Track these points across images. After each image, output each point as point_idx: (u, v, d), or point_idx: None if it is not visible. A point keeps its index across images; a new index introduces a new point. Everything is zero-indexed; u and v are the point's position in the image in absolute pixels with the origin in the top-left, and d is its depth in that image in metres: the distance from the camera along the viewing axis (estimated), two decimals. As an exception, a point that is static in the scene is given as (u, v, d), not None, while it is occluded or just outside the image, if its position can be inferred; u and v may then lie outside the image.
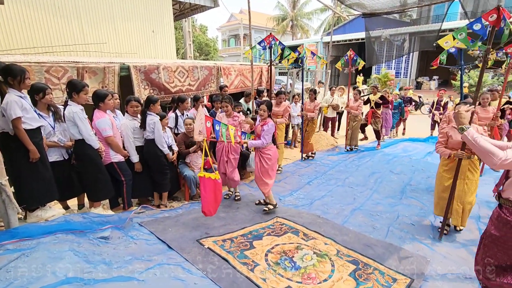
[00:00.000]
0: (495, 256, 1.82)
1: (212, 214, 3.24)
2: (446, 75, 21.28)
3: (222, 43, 40.66)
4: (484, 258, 1.89)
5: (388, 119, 7.42)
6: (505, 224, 1.76)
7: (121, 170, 3.56)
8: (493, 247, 1.84)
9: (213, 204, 3.20)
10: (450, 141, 3.13)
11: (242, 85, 6.81)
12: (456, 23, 15.92)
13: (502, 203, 1.82)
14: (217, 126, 3.33)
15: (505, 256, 1.78)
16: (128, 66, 4.72)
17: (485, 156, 1.69)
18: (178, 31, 20.79)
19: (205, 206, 3.18)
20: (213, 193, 3.17)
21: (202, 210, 3.21)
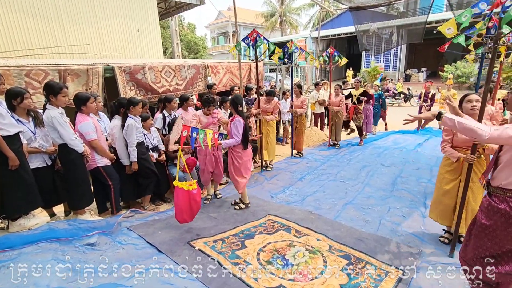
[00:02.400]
0: (485, 245, 1.83)
1: (187, 221, 3.17)
2: (434, 67, 21.58)
3: (211, 41, 40.30)
4: (475, 249, 1.88)
5: (370, 115, 7.31)
6: (496, 213, 1.75)
7: (107, 174, 3.48)
8: (483, 237, 1.83)
9: (188, 213, 3.11)
10: (456, 139, 2.74)
11: (230, 83, 6.73)
12: (442, 15, 16.08)
13: (491, 192, 1.82)
14: (195, 133, 3.28)
15: (495, 245, 1.78)
16: (112, 67, 4.61)
17: (471, 132, 1.64)
18: (165, 30, 20.52)
19: (178, 214, 3.09)
20: (188, 203, 3.07)
21: (175, 218, 3.13)
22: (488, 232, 1.80)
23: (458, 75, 15.63)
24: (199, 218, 3.57)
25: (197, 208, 3.18)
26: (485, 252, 1.83)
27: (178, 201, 3.08)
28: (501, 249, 1.77)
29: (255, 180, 4.93)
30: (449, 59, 18.99)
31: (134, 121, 3.56)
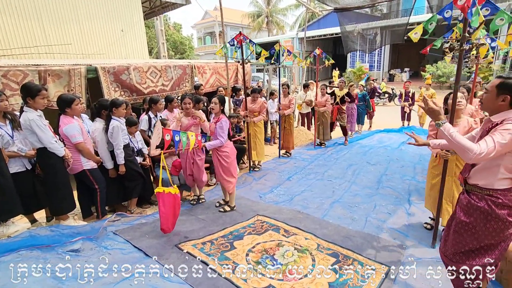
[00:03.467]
0: (465, 241, 1.89)
1: (170, 230, 3.10)
2: (416, 67, 22.21)
3: (198, 41, 39.95)
4: (455, 244, 1.95)
5: (354, 114, 7.46)
6: (475, 210, 1.82)
7: (94, 178, 3.39)
8: (463, 233, 1.90)
9: (172, 220, 3.07)
10: (439, 133, 2.98)
11: (218, 83, 6.70)
12: (423, 17, 16.56)
13: (469, 190, 1.89)
14: (177, 136, 3.23)
15: (474, 240, 1.85)
16: (95, 67, 4.49)
17: (462, 151, 1.69)
18: (150, 30, 20.19)
19: (164, 223, 3.02)
20: (173, 208, 3.04)
21: (161, 228, 3.04)
22: (468, 228, 1.86)
23: (438, 75, 16.14)
24: (187, 220, 3.54)
25: (178, 213, 3.17)
26: (464, 247, 1.90)
27: (164, 208, 2.99)
28: (480, 243, 1.84)
29: (243, 181, 4.93)
30: (430, 59, 19.60)
31: (119, 123, 3.48)
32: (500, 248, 1.82)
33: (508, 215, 1.74)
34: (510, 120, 1.65)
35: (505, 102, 1.69)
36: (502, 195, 1.73)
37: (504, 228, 1.76)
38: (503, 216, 1.73)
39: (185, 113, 3.88)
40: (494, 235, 1.79)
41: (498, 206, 1.74)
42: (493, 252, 1.83)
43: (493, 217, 1.76)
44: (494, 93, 1.72)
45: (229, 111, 5.89)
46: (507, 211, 1.74)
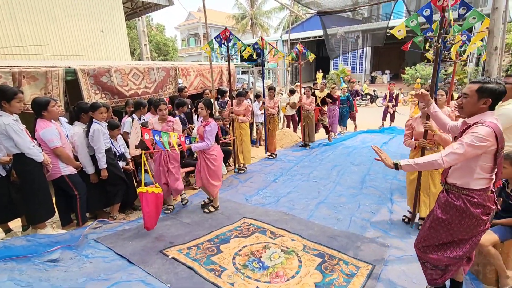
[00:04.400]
0: (440, 236, 1.98)
1: (154, 227, 3.18)
2: (396, 69, 22.93)
3: (182, 42, 39.49)
4: (429, 239, 2.03)
5: (335, 115, 7.61)
6: (452, 208, 1.90)
7: (73, 184, 3.27)
8: (439, 229, 1.99)
9: (155, 218, 3.12)
10: (414, 133, 3.19)
11: (202, 85, 6.64)
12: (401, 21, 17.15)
13: (448, 189, 1.97)
14: (157, 136, 3.18)
15: (449, 236, 1.94)
16: (74, 69, 4.34)
17: (431, 166, 1.82)
18: (132, 31, 19.78)
19: (148, 221, 3.09)
20: (155, 207, 3.07)
21: (144, 226, 3.10)
22: (444, 225, 1.95)
23: (417, 76, 16.75)
24: (172, 225, 3.48)
25: (160, 211, 3.22)
26: (439, 241, 1.99)
27: (147, 207, 3.01)
28: (454, 238, 1.93)
29: (229, 183, 4.90)
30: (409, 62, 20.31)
31: (100, 126, 3.38)
32: (471, 243, 1.91)
33: (482, 214, 1.82)
34: (480, 123, 1.74)
35: (486, 105, 1.77)
36: (478, 195, 1.81)
37: (477, 225, 1.85)
38: (477, 214, 1.82)
39: (161, 119, 3.70)
40: (468, 231, 1.87)
41: (474, 205, 1.82)
42: (464, 246, 1.92)
43: (467, 215, 1.84)
44: (475, 97, 1.79)
45: (214, 113, 5.85)
46: (481, 210, 1.82)
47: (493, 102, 1.75)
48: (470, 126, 1.78)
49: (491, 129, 1.69)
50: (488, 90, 1.74)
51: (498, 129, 1.72)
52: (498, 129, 1.72)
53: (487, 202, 1.82)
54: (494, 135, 1.69)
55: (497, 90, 1.73)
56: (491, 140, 1.68)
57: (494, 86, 1.73)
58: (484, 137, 1.67)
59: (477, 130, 1.71)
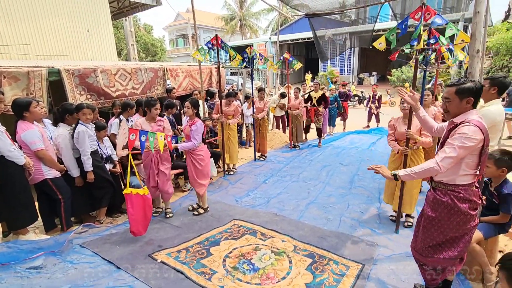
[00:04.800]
0: (432, 235, 2.01)
1: (142, 233, 3.05)
2: (383, 71, 23.39)
3: (170, 43, 39.08)
4: (424, 239, 2.06)
5: (325, 116, 7.67)
6: (440, 205, 1.95)
7: (57, 187, 3.17)
8: (430, 228, 2.02)
9: (142, 222, 3.01)
10: (396, 133, 3.33)
11: (191, 87, 6.58)
12: (388, 24, 17.54)
13: (435, 186, 2.02)
14: (143, 137, 3.11)
15: (441, 234, 1.98)
16: (58, 69, 4.22)
17: (429, 173, 1.86)
18: (119, 31, 19.44)
19: (134, 225, 2.96)
20: (142, 210, 2.97)
21: (130, 230, 2.98)
22: (435, 223, 1.99)
23: (403, 78, 17.13)
24: (161, 228, 3.42)
25: (150, 216, 3.09)
26: (432, 241, 2.01)
27: (132, 210, 2.93)
28: (445, 237, 1.96)
29: (219, 185, 4.87)
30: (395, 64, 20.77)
31: (86, 128, 3.29)
32: (464, 241, 1.95)
33: (469, 209, 1.87)
34: (467, 122, 1.79)
35: (469, 104, 1.84)
36: (463, 190, 1.87)
37: (466, 221, 1.89)
38: (465, 210, 1.86)
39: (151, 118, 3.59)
40: (458, 228, 1.91)
41: (460, 200, 1.87)
42: (457, 245, 1.96)
43: (455, 211, 1.89)
44: (457, 99, 1.85)
45: (203, 114, 5.81)
46: (468, 205, 1.87)
47: (474, 100, 1.83)
48: (457, 125, 1.83)
49: (477, 128, 1.74)
50: (467, 89, 1.81)
51: (484, 127, 1.78)
52: (484, 127, 1.78)
53: (472, 197, 1.87)
54: (481, 133, 1.75)
55: (474, 88, 1.80)
56: (479, 138, 1.74)
57: (471, 85, 1.81)
58: (472, 136, 1.73)
59: (464, 131, 1.76)
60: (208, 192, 4.48)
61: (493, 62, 14.05)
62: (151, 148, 3.19)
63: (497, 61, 13.73)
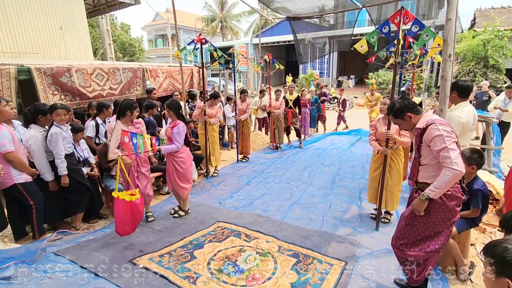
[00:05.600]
0: (418, 231, 2.09)
1: (130, 232, 2.94)
2: (361, 74, 24.20)
3: (149, 43, 38.16)
4: (408, 235, 2.13)
5: (306, 118, 7.82)
6: (429, 203, 2.00)
7: (28, 193, 2.98)
8: (416, 225, 2.09)
9: (131, 224, 2.90)
10: (377, 133, 3.43)
11: (171, 87, 6.46)
12: (365, 29, 18.19)
13: (420, 188, 2.10)
14: (134, 139, 3.02)
15: (426, 230, 2.06)
16: (28, 68, 3.99)
17: (453, 181, 1.88)
18: (94, 30, 18.73)
19: (120, 226, 2.85)
20: (130, 213, 2.86)
21: (116, 231, 2.88)
22: (421, 220, 2.06)
23: (380, 82, 17.81)
24: (142, 232, 3.31)
25: (140, 218, 2.98)
26: (417, 236, 2.09)
27: (118, 213, 2.81)
28: (430, 232, 2.05)
29: (202, 187, 4.80)
30: (372, 68, 21.55)
31: (59, 129, 3.13)
32: (445, 235, 2.05)
33: (456, 205, 1.97)
34: (431, 123, 1.93)
35: (412, 118, 2.07)
36: (451, 188, 1.94)
37: (451, 217, 1.99)
38: (452, 207, 1.96)
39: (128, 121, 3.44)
40: (442, 223, 2.01)
41: (448, 198, 1.96)
42: (438, 239, 2.05)
43: (443, 209, 1.97)
44: (401, 119, 2.12)
45: (184, 116, 5.71)
46: (455, 202, 1.97)
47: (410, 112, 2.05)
48: (424, 129, 1.96)
49: (443, 124, 1.90)
50: (396, 110, 2.11)
51: (448, 123, 1.93)
52: (447, 123, 1.94)
53: (458, 193, 1.97)
54: (450, 128, 1.89)
55: (398, 105, 2.09)
56: (453, 133, 1.88)
57: (394, 105, 2.11)
58: (449, 133, 1.87)
59: (439, 133, 1.88)
60: (191, 194, 4.40)
61: (460, 68, 14.96)
62: (141, 151, 3.09)
63: (464, 66, 14.64)
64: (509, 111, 5.63)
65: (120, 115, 3.33)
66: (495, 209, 3.68)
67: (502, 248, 0.96)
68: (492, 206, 3.74)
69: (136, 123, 3.49)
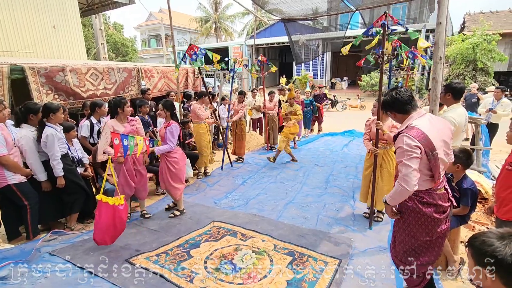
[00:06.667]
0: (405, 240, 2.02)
1: (108, 243, 2.80)
2: (353, 76, 24.48)
3: (142, 43, 37.89)
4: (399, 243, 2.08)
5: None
6: (407, 209, 1.97)
7: (22, 193, 2.96)
8: (402, 232, 2.04)
9: (110, 232, 2.76)
10: (371, 132, 3.51)
11: (166, 88, 6.46)
12: (358, 31, 18.42)
13: None
14: (125, 141, 2.98)
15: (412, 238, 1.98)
16: (22, 67, 3.96)
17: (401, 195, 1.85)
18: (87, 29, 18.53)
19: (98, 234, 2.72)
20: (111, 220, 2.73)
21: (93, 238, 2.76)
22: (405, 226, 2.02)
23: (372, 83, 18.06)
24: (138, 232, 3.32)
25: (121, 229, 2.85)
26: (405, 246, 2.04)
27: (100, 218, 2.71)
28: (417, 241, 1.98)
29: (197, 188, 4.81)
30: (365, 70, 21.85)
31: (55, 130, 3.11)
32: (438, 244, 1.98)
33: (435, 212, 1.89)
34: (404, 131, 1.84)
35: (393, 114, 2.02)
36: (426, 195, 1.91)
37: (434, 224, 1.89)
38: (430, 214, 1.89)
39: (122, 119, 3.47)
40: (427, 231, 1.93)
41: (424, 205, 1.90)
42: (432, 249, 1.98)
43: (422, 215, 1.91)
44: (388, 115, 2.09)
45: (179, 117, 5.71)
46: (433, 209, 1.90)
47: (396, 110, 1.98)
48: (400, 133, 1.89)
49: (409, 137, 1.77)
50: (384, 104, 2.04)
51: (420, 134, 1.77)
52: (420, 134, 1.78)
53: (437, 201, 1.88)
54: (415, 140, 1.76)
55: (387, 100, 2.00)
56: (414, 145, 1.76)
57: (385, 98, 2.02)
58: (409, 148, 1.77)
59: (399, 144, 1.82)
60: (186, 194, 4.42)
61: (450, 70, 15.30)
62: (130, 152, 3.09)
63: (454, 69, 14.98)
64: (497, 113, 5.80)
65: (113, 114, 3.35)
66: (484, 208, 3.79)
67: (480, 241, 1.04)
68: (481, 205, 3.85)
69: (131, 121, 3.49)
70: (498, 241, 0.99)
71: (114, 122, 3.36)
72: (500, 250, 0.97)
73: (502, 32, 14.27)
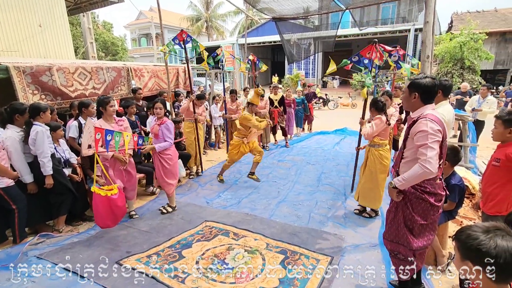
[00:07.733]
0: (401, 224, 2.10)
1: (111, 226, 3.05)
2: (345, 75, 24.69)
3: (132, 42, 37.35)
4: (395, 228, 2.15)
5: (291, 118, 7.91)
6: (408, 195, 2.05)
7: (10, 197, 2.89)
8: (400, 216, 2.12)
9: (109, 216, 2.97)
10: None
11: (157, 87, 6.37)
12: (349, 30, 18.60)
13: None
14: (109, 136, 2.99)
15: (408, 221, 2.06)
16: (6, 66, 3.84)
17: (419, 178, 1.89)
18: (75, 28, 18.16)
19: (99, 220, 2.96)
20: (108, 208, 2.93)
21: (96, 223, 3.00)
22: (403, 211, 2.09)
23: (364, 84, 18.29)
24: (128, 234, 3.27)
25: (121, 213, 3.05)
26: (402, 229, 2.11)
27: (97, 207, 2.89)
28: (413, 224, 2.07)
29: (189, 187, 4.78)
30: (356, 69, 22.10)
31: (44, 128, 3.04)
32: (431, 229, 2.08)
33: (435, 201, 2.00)
34: (422, 117, 1.93)
35: (416, 99, 2.00)
36: (429, 184, 1.99)
37: (431, 209, 2.02)
38: (431, 201, 2.00)
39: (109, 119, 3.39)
40: (423, 215, 2.03)
41: (427, 194, 2.00)
42: (427, 233, 2.07)
43: (423, 199, 2.01)
44: (407, 93, 2.05)
45: (172, 116, 5.67)
46: (434, 198, 2.00)
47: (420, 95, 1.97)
48: (415, 121, 1.96)
49: (433, 122, 1.87)
50: (415, 85, 1.99)
51: (440, 120, 1.91)
52: (439, 120, 1.91)
53: (437, 190, 2.01)
54: (438, 125, 1.87)
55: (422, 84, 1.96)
56: (437, 129, 1.87)
57: (421, 81, 1.97)
58: (435, 130, 1.85)
59: (423, 128, 1.88)
60: (178, 194, 4.38)
61: (439, 69, 15.56)
62: (115, 148, 3.06)
63: (442, 67, 15.25)
64: (482, 110, 5.93)
65: (99, 114, 3.33)
66: (471, 203, 3.88)
67: (465, 235, 1.06)
68: (469, 200, 3.94)
69: (119, 121, 3.46)
70: (483, 235, 1.01)
71: (101, 122, 3.31)
72: (485, 243, 0.99)
73: (488, 31, 14.60)
